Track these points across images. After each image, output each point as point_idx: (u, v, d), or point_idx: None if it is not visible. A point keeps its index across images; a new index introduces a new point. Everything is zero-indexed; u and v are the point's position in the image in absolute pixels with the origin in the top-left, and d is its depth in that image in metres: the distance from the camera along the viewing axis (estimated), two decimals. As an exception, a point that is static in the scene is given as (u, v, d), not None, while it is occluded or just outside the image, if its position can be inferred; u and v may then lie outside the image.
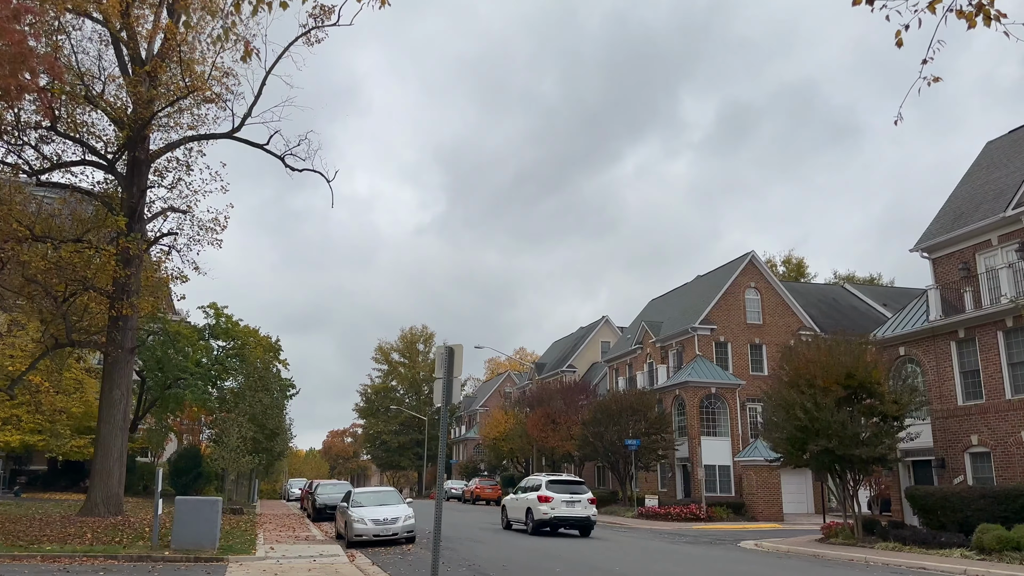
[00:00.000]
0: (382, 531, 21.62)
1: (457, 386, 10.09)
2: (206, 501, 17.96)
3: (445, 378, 10.37)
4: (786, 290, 46.19)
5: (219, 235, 30.03)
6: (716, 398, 41.99)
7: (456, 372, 10.46)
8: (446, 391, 10.25)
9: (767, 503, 36.86)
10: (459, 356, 10.34)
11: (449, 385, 10.31)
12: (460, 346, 10.47)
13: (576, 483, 27.13)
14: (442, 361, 10.49)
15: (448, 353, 10.41)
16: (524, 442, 55.56)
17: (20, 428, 35.38)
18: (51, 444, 35.61)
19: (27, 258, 23.54)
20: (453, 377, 10.43)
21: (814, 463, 24.31)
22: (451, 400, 10.38)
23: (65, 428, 36.61)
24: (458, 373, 10.54)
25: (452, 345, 10.60)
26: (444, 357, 10.42)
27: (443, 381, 10.39)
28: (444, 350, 10.50)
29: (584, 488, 26.91)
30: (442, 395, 10.23)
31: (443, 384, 10.37)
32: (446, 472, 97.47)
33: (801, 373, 24.12)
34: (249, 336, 45.85)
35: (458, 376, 10.55)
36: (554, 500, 25.10)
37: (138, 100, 26.56)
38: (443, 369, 10.43)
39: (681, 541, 25.33)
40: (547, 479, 26.73)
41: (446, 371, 10.37)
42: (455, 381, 10.55)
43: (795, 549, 22.89)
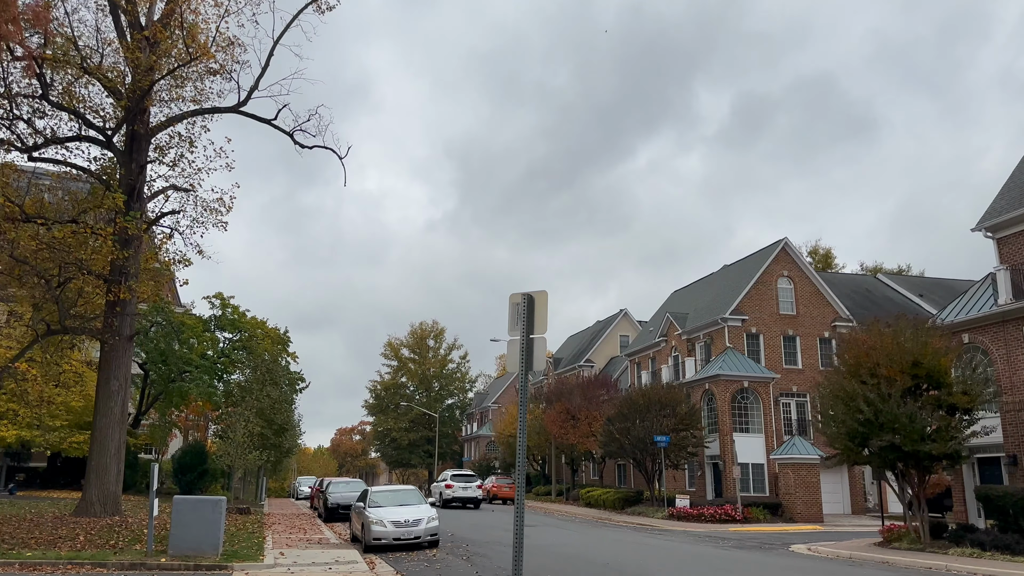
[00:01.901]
0: (403, 534, 19.57)
1: (541, 349, 8.00)
2: (208, 501, 15.93)
3: (523, 337, 7.78)
4: (822, 280, 43.92)
5: (224, 217, 28.01)
6: (748, 392, 39.76)
7: (539, 328, 7.93)
8: (525, 354, 7.70)
9: (806, 503, 34.65)
10: (542, 307, 7.87)
11: (529, 346, 7.72)
12: (544, 293, 7.97)
13: (469, 476, 41.16)
14: (519, 315, 7.95)
15: (527, 303, 7.82)
16: (541, 439, 53.47)
17: (17, 423, 33.55)
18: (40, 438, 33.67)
19: (14, 236, 21.56)
20: (534, 335, 7.86)
21: (876, 460, 22.12)
22: (532, 365, 7.91)
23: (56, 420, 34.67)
24: (541, 330, 7.94)
25: (534, 292, 7.97)
26: (522, 309, 7.84)
27: (521, 341, 7.77)
28: (522, 300, 7.89)
29: (474, 478, 40.86)
30: (521, 359, 7.77)
31: (521, 345, 7.73)
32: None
33: (862, 362, 21.97)
34: (256, 328, 43.95)
35: (542, 334, 7.96)
36: (455, 487, 37.74)
37: (137, 67, 24.59)
38: (521, 325, 7.91)
39: (727, 545, 23.19)
40: (451, 474, 41.22)
41: (525, 327, 7.85)
42: (537, 341, 7.87)
43: (858, 555, 20.71)
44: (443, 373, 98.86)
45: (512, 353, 8.32)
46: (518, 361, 8.02)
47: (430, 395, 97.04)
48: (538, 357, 7.88)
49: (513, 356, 8.30)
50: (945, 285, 51.43)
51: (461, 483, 38.96)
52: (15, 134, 24.81)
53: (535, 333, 8.00)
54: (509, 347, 8.37)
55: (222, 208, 27.47)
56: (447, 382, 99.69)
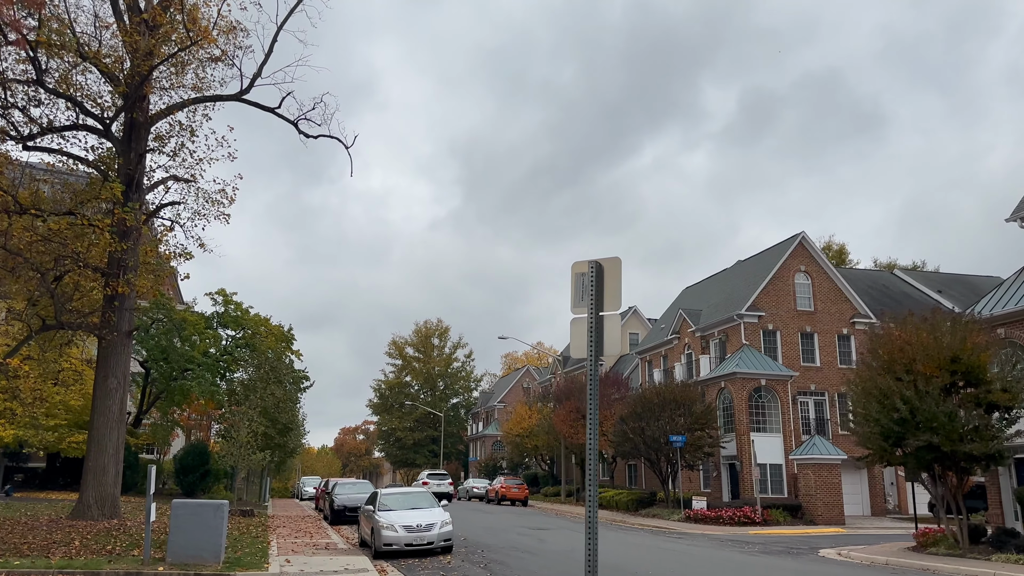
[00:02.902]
0: (415, 539, 18.52)
1: (614, 329, 6.41)
2: (209, 505, 14.88)
3: (592, 315, 6.03)
4: (840, 276, 42.76)
5: (227, 209, 27.04)
6: (766, 391, 38.63)
7: (610, 303, 6.20)
8: (595, 335, 5.96)
9: (827, 505, 33.55)
10: (615, 278, 6.13)
11: (599, 326, 6.00)
12: (617, 260, 6.16)
13: (442, 474, 48.54)
14: (584, 288, 6.19)
15: (595, 273, 6.03)
16: (551, 438, 52.46)
17: (15, 423, 32.58)
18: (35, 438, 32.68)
19: (7, 226, 20.55)
20: (605, 312, 6.15)
21: (912, 461, 21.02)
22: (603, 349, 6.26)
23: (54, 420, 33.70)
24: (614, 305, 6.22)
25: (604, 259, 6.13)
26: (588, 281, 6.06)
27: (589, 320, 6.04)
28: (588, 269, 6.13)
29: (446, 476, 48.63)
30: (589, 341, 6.06)
31: (589, 324, 6.01)
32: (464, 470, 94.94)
33: (896, 358, 20.86)
34: (260, 325, 42.92)
35: (615, 311, 6.26)
36: (431, 484, 41.98)
37: (135, 52, 23.56)
38: (587, 300, 6.17)
39: (753, 550, 22.11)
40: (427, 473, 49.72)
41: (593, 302, 6.11)
42: (609, 319, 6.13)
43: (896, 561, 19.63)
44: (448, 372, 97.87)
45: (578, 334, 6.55)
46: (585, 344, 6.32)
47: (435, 394, 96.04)
48: (611, 339, 6.25)
49: (579, 338, 6.51)
50: (964, 281, 50.28)
51: (435, 480, 46.03)
52: (9, 122, 23.80)
53: (606, 310, 6.30)
54: (573, 328, 6.64)
55: (224, 200, 26.51)
56: (452, 381, 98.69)
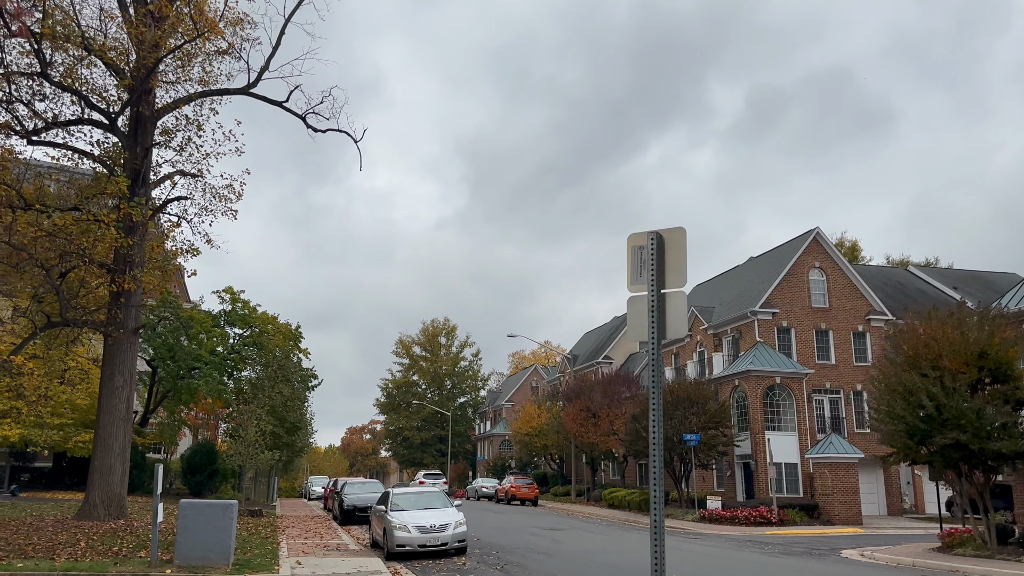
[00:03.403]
0: (429, 540, 18.03)
1: (679, 308, 5.53)
2: (218, 505, 14.42)
3: (652, 292, 5.29)
4: (855, 272, 42.13)
5: (234, 205, 26.61)
6: (781, 389, 38.02)
7: (674, 279, 5.39)
8: (657, 315, 5.23)
9: (844, 505, 32.93)
10: (678, 250, 5.31)
11: (661, 305, 5.27)
12: (681, 230, 5.33)
13: (437, 474, 57.54)
14: (643, 262, 5.43)
15: (656, 245, 5.28)
16: (560, 437, 51.91)
17: (22, 422, 32.25)
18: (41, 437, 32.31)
19: (10, 221, 20.13)
20: (668, 290, 5.38)
21: (938, 459, 20.44)
22: (667, 331, 5.48)
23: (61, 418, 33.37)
24: (678, 281, 5.40)
25: (666, 230, 5.32)
26: (648, 254, 5.32)
27: (649, 298, 5.32)
28: (648, 241, 5.39)
29: (440, 475, 57.57)
30: (650, 322, 5.33)
31: (650, 303, 5.29)
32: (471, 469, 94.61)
33: (922, 353, 20.29)
34: (267, 323, 42.52)
35: (679, 287, 5.46)
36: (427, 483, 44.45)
37: (141, 44, 23.14)
38: (647, 276, 5.39)
39: (773, 551, 21.56)
40: (423, 473, 57.11)
41: (654, 278, 5.33)
42: (672, 297, 5.34)
43: (923, 563, 19.05)
44: (455, 371, 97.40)
45: (636, 315, 5.66)
46: (645, 326, 5.48)
47: (442, 393, 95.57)
48: (675, 319, 5.41)
49: (638, 319, 5.63)
50: (980, 277, 49.57)
51: (431, 480, 50.45)
52: (14, 116, 23.39)
53: (669, 286, 5.43)
54: (630, 307, 5.73)
55: (232, 195, 26.07)
56: (459, 380, 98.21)
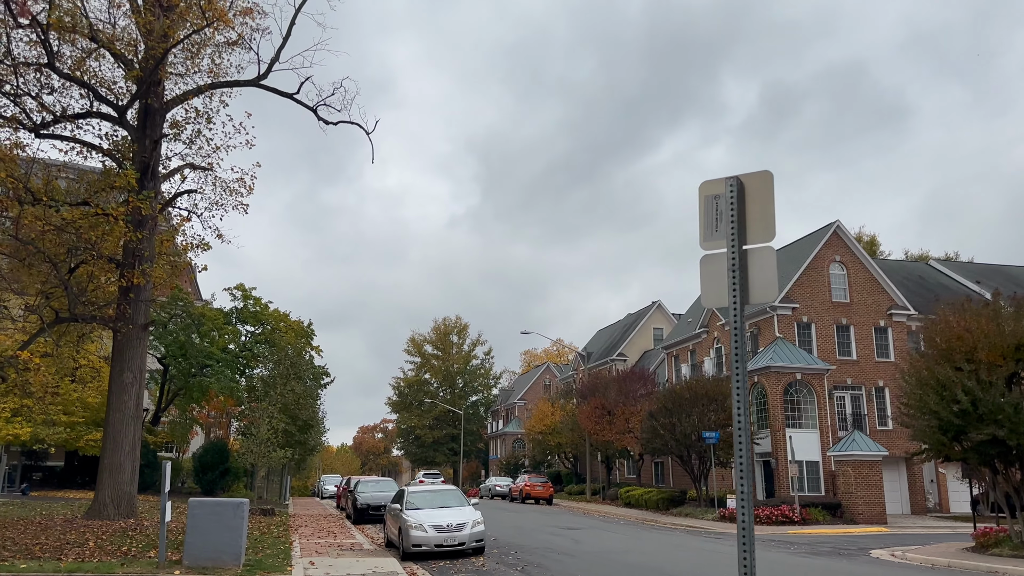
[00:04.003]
0: (446, 540, 17.46)
1: (766, 266, 4.61)
2: (228, 504, 13.89)
3: (732, 248, 4.56)
4: (876, 265, 41.25)
5: (245, 199, 26.20)
6: (801, 385, 37.23)
7: (759, 232, 4.58)
8: (738, 275, 4.46)
9: (868, 504, 32.14)
10: (764, 199, 4.54)
11: (743, 264, 4.50)
12: (767, 174, 4.58)
13: (435, 474, 59.20)
14: (719, 213, 4.69)
15: (736, 193, 4.56)
16: (575, 436, 51.28)
17: (32, 420, 31.93)
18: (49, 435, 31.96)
19: (17, 213, 19.71)
20: (751, 245, 4.58)
21: (973, 455, 19.69)
22: (750, 295, 4.67)
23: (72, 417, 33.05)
24: (765, 235, 4.59)
25: (748, 175, 4.60)
26: (726, 203, 4.60)
27: (729, 256, 4.59)
28: (726, 188, 4.64)
29: (439, 475, 59.12)
30: (730, 285, 4.55)
31: (730, 262, 4.54)
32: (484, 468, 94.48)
33: (955, 346, 19.54)
34: (279, 320, 42.13)
35: (767, 242, 4.67)
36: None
37: (150, 34, 22.70)
38: (725, 230, 4.65)
39: (800, 551, 20.87)
40: (423, 473, 60.14)
41: (733, 231, 4.58)
42: (757, 254, 4.58)
43: (959, 563, 18.32)
44: (467, 369, 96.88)
45: (711, 276, 4.78)
46: (724, 288, 4.64)
47: (454, 392, 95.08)
48: (761, 280, 4.54)
49: (714, 281, 4.75)
50: (1003, 272, 48.56)
51: (430, 479, 50.96)
52: (21, 108, 22.98)
53: (753, 241, 4.58)
54: (703, 268, 4.87)
55: (243, 189, 25.69)
56: (471, 378, 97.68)
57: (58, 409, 32.35)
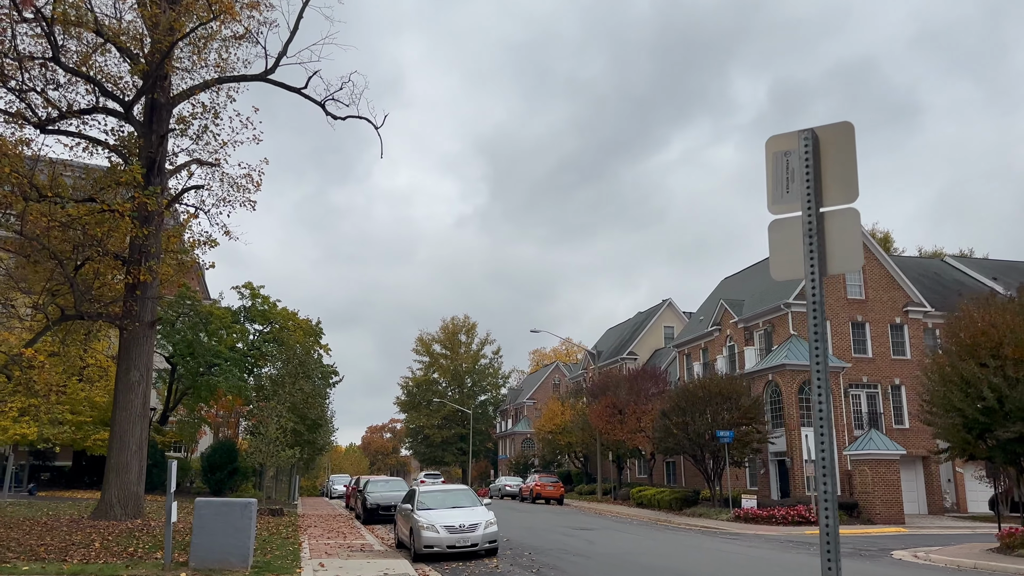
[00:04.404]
0: (458, 541, 17.06)
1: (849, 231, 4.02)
2: (236, 504, 13.52)
3: (809, 211, 4.05)
4: (892, 262, 40.63)
5: (252, 195, 25.93)
6: (816, 383, 36.60)
7: (839, 192, 4.06)
8: (816, 240, 3.97)
9: (885, 503, 31.58)
10: (844, 152, 4.02)
11: (819, 227, 3.99)
12: (846, 125, 4.05)
13: (435, 474, 63.53)
14: (794, 173, 4.14)
15: (810, 148, 4.03)
16: (585, 435, 50.80)
17: (39, 420, 31.69)
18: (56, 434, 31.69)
19: (22, 209, 19.38)
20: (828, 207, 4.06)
21: (999, 454, 19.15)
22: (829, 266, 4.20)
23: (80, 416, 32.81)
24: (847, 195, 4.05)
25: (824, 127, 4.07)
26: (800, 161, 4.06)
27: (805, 220, 4.07)
28: (799, 143, 4.10)
29: (439, 475, 63.72)
30: (807, 251, 4.04)
31: (807, 226, 4.02)
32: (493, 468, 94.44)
33: (980, 342, 19.00)
34: (288, 319, 41.80)
35: (849, 203, 4.08)
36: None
37: (155, 27, 22.40)
38: (800, 190, 4.11)
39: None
40: (424, 474, 64.68)
41: (809, 192, 4.06)
42: (836, 217, 4.05)
43: (985, 564, 17.80)
44: (476, 369, 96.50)
45: (783, 243, 4.25)
46: (799, 257, 4.11)
47: (462, 391, 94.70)
48: (843, 247, 4.01)
49: (786, 249, 4.21)
50: (1019, 268, 47.85)
51: (430, 479, 53.56)
52: (27, 104, 22.70)
53: (832, 202, 4.05)
54: (772, 234, 4.34)
55: (250, 185, 25.40)
56: (480, 378, 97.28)
57: (65, 408, 32.10)
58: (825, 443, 4.19)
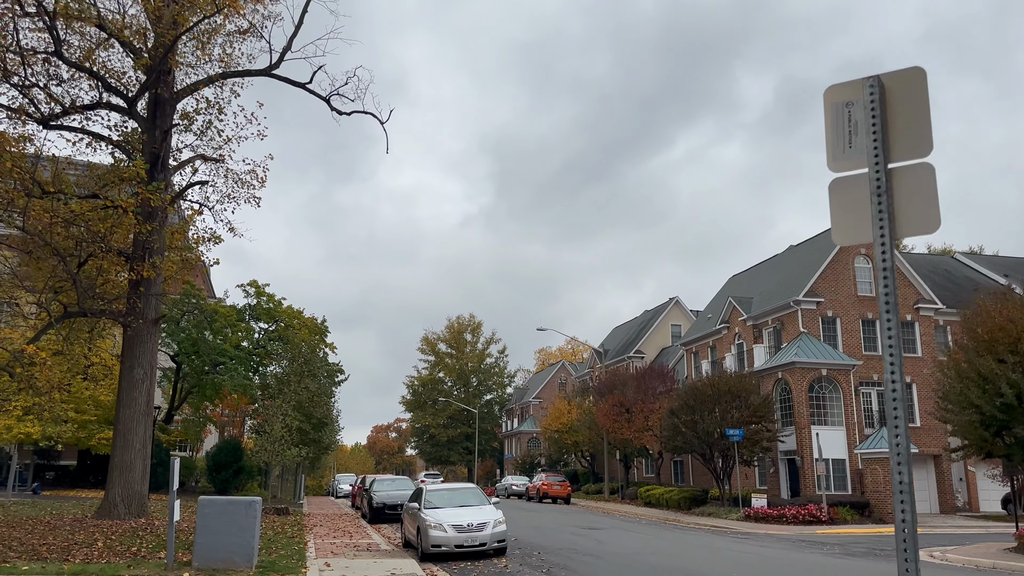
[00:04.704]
0: (466, 540, 16.76)
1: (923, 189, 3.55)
2: (240, 503, 13.24)
3: (876, 167, 3.61)
4: (902, 258, 40.18)
5: (257, 191, 25.68)
6: (827, 381, 36.26)
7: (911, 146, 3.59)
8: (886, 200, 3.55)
9: (897, 503, 31.11)
10: (915, 101, 3.59)
11: (888, 185, 3.57)
12: (918, 71, 3.61)
13: (434, 475, 66.64)
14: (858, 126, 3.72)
15: (876, 97, 3.62)
16: (592, 434, 50.46)
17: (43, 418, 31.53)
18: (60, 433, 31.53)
19: (24, 204, 19.15)
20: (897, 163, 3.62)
21: (1018, 451, 18.77)
22: (900, 229, 3.76)
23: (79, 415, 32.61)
24: (919, 148, 3.56)
25: (888, 74, 3.65)
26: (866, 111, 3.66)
27: (871, 177, 3.62)
28: (864, 90, 3.70)
29: (438, 475, 67.86)
30: (875, 211, 3.64)
31: (875, 184, 3.59)
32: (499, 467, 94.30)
33: (998, 337, 18.62)
34: (293, 317, 41.58)
35: (922, 157, 3.59)
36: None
37: (159, 20, 22.17)
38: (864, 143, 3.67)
39: (833, 552, 20.01)
40: (423, 474, 66.59)
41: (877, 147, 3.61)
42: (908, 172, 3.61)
43: (1004, 564, 17.41)
44: (481, 368, 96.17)
45: (845, 204, 3.85)
46: (865, 218, 3.73)
47: (468, 390, 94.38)
48: (916, 208, 3.61)
49: (850, 209, 3.82)
50: (1034, 265, 47.33)
51: (430, 479, 52.82)
52: (30, 100, 22.48)
53: (902, 157, 3.64)
54: (833, 194, 3.92)
55: (255, 181, 25.15)
56: (485, 377, 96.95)
57: (69, 407, 31.93)
58: (900, 436, 3.81)
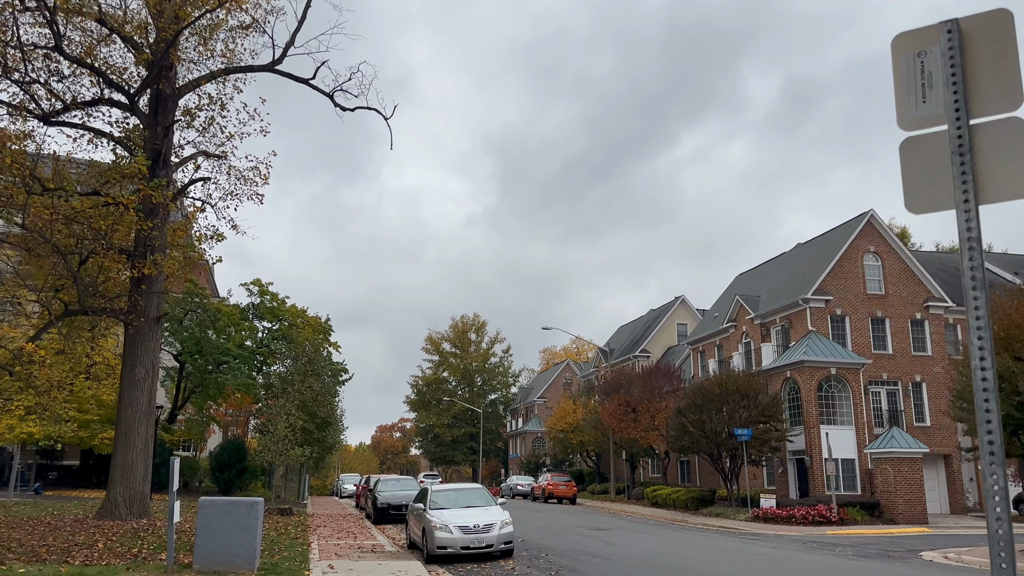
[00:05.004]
0: (472, 542, 16.43)
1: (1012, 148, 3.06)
2: (242, 503, 12.94)
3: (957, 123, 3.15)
4: (912, 256, 39.75)
5: (260, 188, 25.41)
6: (836, 380, 35.86)
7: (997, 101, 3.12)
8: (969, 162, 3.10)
9: (908, 503, 30.76)
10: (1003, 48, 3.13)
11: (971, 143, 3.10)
12: (1004, 13, 3.25)
13: (433, 475, 65.35)
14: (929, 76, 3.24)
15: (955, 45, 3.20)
16: (598, 433, 50.13)
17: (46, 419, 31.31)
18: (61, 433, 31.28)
19: (24, 201, 18.90)
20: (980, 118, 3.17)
21: (1035, 452, 18.39)
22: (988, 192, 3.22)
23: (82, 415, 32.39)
24: (1007, 103, 3.10)
25: (968, 18, 3.30)
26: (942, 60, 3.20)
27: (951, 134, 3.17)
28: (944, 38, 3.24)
29: (437, 476, 66.92)
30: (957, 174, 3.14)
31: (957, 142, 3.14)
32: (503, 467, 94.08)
33: (1015, 335, 18.26)
34: (297, 316, 41.35)
35: (1010, 112, 3.11)
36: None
37: (160, 15, 21.91)
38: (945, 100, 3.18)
39: (846, 554, 19.65)
40: (423, 475, 64.35)
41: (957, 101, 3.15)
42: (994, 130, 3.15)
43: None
44: (486, 367, 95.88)
45: (917, 164, 3.40)
46: (945, 183, 3.29)
47: (472, 390, 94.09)
48: (1004, 168, 3.18)
49: (925, 171, 3.37)
50: (1044, 263, 46.89)
51: (430, 479, 50.88)
52: (30, 96, 22.22)
53: (985, 112, 3.22)
54: (904, 153, 3.47)
55: (258, 178, 24.91)
56: (490, 376, 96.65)
57: (71, 406, 31.71)
58: (994, 433, 3.45)
